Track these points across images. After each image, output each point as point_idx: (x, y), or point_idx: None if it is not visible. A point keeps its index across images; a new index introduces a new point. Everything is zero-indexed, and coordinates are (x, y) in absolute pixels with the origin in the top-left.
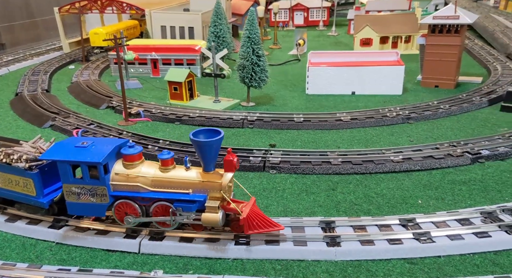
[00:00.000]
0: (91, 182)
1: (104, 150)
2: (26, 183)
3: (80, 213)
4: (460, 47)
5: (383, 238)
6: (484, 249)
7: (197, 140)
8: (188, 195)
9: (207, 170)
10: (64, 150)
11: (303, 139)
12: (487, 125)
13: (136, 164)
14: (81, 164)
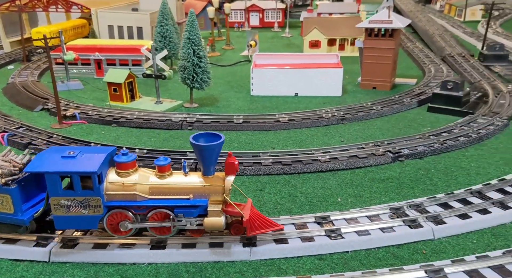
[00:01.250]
0: (83, 193)
1: (96, 159)
2: (1, 200)
3: (69, 227)
4: (395, 51)
5: (297, 236)
6: (388, 243)
7: (199, 144)
8: (189, 201)
9: (207, 174)
10: (50, 161)
11: (241, 140)
12: (413, 125)
13: (130, 171)
14: (73, 175)
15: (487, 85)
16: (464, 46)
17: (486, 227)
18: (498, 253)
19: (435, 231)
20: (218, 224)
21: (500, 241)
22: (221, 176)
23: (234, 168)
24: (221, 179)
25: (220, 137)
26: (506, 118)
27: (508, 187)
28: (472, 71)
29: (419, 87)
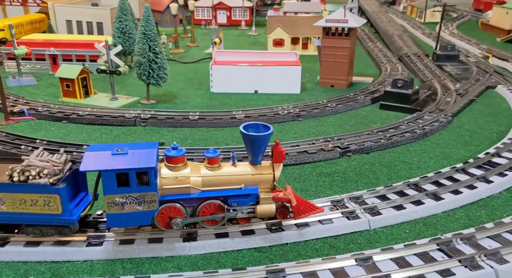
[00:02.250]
0: (139, 189)
1: (150, 154)
2: (48, 201)
3: (122, 225)
4: (351, 49)
5: (238, 230)
6: (326, 234)
7: (250, 134)
8: (241, 190)
9: (255, 163)
10: (104, 159)
11: (195, 136)
12: (365, 122)
13: (180, 165)
14: (130, 171)
15: (437, 83)
16: (421, 46)
17: (418, 217)
18: (425, 241)
19: (371, 222)
20: (270, 210)
21: (430, 230)
22: (268, 164)
23: (282, 156)
24: (270, 167)
25: (269, 128)
26: (450, 115)
27: (442, 179)
28: (425, 70)
29: (374, 86)
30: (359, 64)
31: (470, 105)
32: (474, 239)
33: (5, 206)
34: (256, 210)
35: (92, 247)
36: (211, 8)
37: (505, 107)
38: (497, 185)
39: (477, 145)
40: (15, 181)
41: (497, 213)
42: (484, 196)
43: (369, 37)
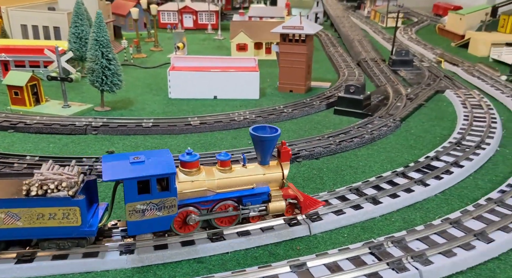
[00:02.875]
0: (160, 195)
1: (168, 160)
2: (67, 214)
3: (142, 232)
4: (308, 55)
5: (178, 241)
6: (266, 242)
7: (261, 136)
8: (254, 190)
9: (264, 163)
10: (125, 168)
11: (147, 144)
12: (318, 127)
13: (195, 170)
14: (151, 178)
15: (390, 88)
16: (379, 51)
17: (357, 221)
18: (359, 245)
19: (312, 227)
20: (282, 207)
21: (366, 234)
22: (275, 163)
23: (289, 155)
24: (278, 167)
25: (277, 130)
26: (398, 119)
27: (383, 184)
28: (380, 75)
29: (330, 91)
30: (320, 69)
31: (418, 109)
32: (404, 241)
33: (21, 222)
34: (268, 208)
35: (22, 264)
36: (177, 12)
37: (450, 111)
38: (433, 188)
39: (420, 148)
40: (33, 196)
41: (430, 215)
42: (420, 199)
43: (331, 42)
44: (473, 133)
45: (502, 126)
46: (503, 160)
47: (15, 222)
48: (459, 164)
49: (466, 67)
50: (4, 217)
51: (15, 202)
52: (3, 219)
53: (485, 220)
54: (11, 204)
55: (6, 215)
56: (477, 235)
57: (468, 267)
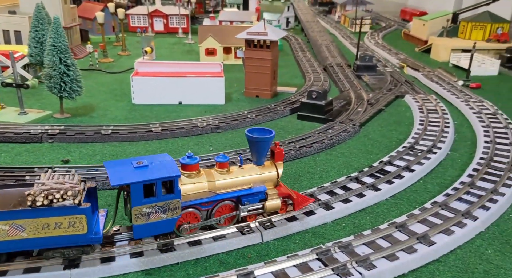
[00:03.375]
0: (164, 198)
1: (171, 164)
2: (73, 222)
3: (148, 235)
4: (273, 61)
5: (127, 252)
6: (218, 251)
7: (256, 137)
8: (252, 189)
9: (259, 164)
10: (130, 173)
11: (105, 152)
12: (281, 133)
13: (195, 173)
14: (157, 181)
15: (353, 94)
16: (345, 56)
17: (310, 227)
18: (307, 251)
19: (264, 235)
20: (277, 205)
21: (317, 240)
22: (269, 164)
23: (282, 155)
24: (272, 166)
25: (271, 132)
26: (358, 125)
27: (337, 189)
28: (344, 80)
29: (295, 96)
30: (287, 74)
31: (378, 114)
32: (351, 246)
33: (25, 233)
34: (265, 206)
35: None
36: (147, 15)
37: (408, 116)
38: (384, 192)
39: (376, 153)
40: (39, 206)
41: (380, 219)
42: (372, 203)
43: (301, 47)
44: (426, 138)
45: (455, 130)
46: (452, 164)
47: (19, 233)
48: (410, 168)
49: (426, 72)
50: (8, 229)
51: (21, 213)
52: (7, 231)
53: (429, 223)
54: (16, 215)
55: (11, 226)
56: (420, 239)
57: (410, 270)
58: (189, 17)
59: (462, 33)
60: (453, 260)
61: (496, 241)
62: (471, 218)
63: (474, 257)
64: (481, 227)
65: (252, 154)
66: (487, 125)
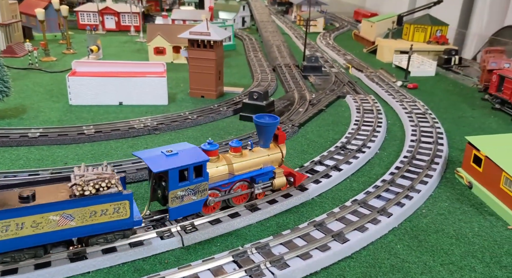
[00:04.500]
0: (195, 181)
1: (198, 150)
2: (118, 208)
3: (180, 216)
4: (217, 61)
5: (31, 263)
6: (134, 257)
7: (264, 122)
8: (263, 169)
9: (266, 146)
10: (165, 160)
11: (31, 156)
12: (221, 133)
13: (215, 158)
14: (190, 166)
15: (297, 94)
16: (295, 57)
17: (233, 229)
18: (224, 254)
19: (185, 239)
20: (284, 182)
21: (239, 241)
22: (274, 146)
23: (284, 137)
24: (277, 148)
25: (277, 118)
26: (297, 125)
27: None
28: (291, 81)
29: (239, 97)
30: (237, 74)
31: (318, 114)
32: (268, 247)
33: (74, 222)
34: (274, 184)
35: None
36: (97, 13)
37: (346, 116)
38: (311, 192)
39: (311, 153)
40: (88, 195)
41: (303, 219)
42: (298, 203)
43: (253, 47)
44: (358, 137)
45: (387, 130)
46: (379, 162)
47: (69, 222)
48: (338, 168)
49: (368, 73)
50: (59, 219)
51: (71, 203)
52: (57, 221)
53: (346, 221)
54: (67, 205)
55: (61, 216)
56: (335, 236)
57: (322, 268)
58: (140, 15)
59: (405, 35)
60: (364, 256)
61: (406, 236)
62: (385, 215)
63: (384, 252)
64: (394, 223)
65: (260, 138)
66: (415, 125)
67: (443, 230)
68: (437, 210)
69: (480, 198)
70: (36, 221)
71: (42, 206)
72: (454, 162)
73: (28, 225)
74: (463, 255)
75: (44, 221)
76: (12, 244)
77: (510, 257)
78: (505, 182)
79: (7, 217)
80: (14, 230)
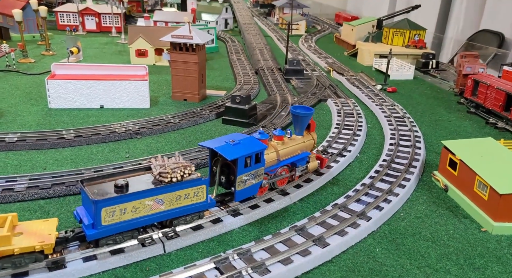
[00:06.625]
0: (256, 167)
1: (252, 139)
2: (197, 192)
3: (243, 197)
4: (199, 65)
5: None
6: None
7: (301, 112)
8: (301, 155)
9: (300, 134)
10: (234, 149)
11: (9, 162)
12: (203, 137)
13: None
14: (252, 154)
15: (279, 97)
16: (277, 60)
17: (216, 235)
18: (206, 260)
19: (166, 245)
20: (316, 165)
21: (221, 247)
22: (307, 133)
23: (315, 125)
24: (309, 135)
25: (311, 109)
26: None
27: None
28: (273, 84)
29: (222, 100)
30: (219, 77)
31: None
32: (250, 253)
33: (164, 206)
34: (309, 167)
35: None
36: (77, 13)
37: (327, 119)
38: (292, 197)
39: None
40: (175, 181)
41: (284, 223)
42: (280, 208)
43: (236, 49)
44: (339, 141)
45: (367, 133)
46: (359, 166)
47: (159, 206)
48: (319, 172)
49: (349, 76)
50: (152, 204)
51: (163, 189)
52: (151, 205)
53: (327, 225)
54: (159, 191)
55: (154, 201)
56: (315, 241)
57: (303, 272)
58: (121, 16)
59: (385, 39)
60: (344, 260)
61: (384, 240)
62: (365, 219)
63: (363, 256)
64: (373, 227)
65: (295, 127)
66: (394, 129)
67: (420, 233)
68: (414, 213)
69: (455, 200)
70: (135, 206)
71: (141, 193)
72: (431, 165)
73: (129, 210)
74: (438, 257)
75: (141, 206)
76: (117, 228)
77: (483, 259)
78: (478, 185)
79: (113, 203)
80: (119, 215)
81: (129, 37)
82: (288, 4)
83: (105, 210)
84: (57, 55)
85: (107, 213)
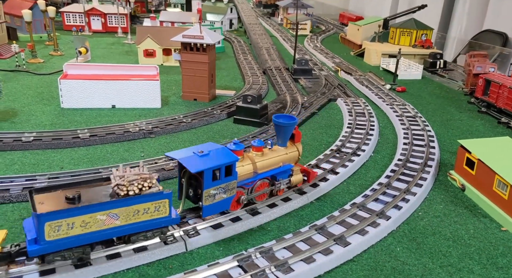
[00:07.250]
0: (226, 180)
1: (226, 150)
2: (158, 206)
3: (212, 213)
4: (210, 65)
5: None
6: (138, 263)
7: (284, 122)
8: (282, 167)
9: (284, 145)
10: (200, 160)
11: (25, 161)
12: (216, 137)
13: (240, 157)
14: (221, 166)
15: (289, 97)
16: (284, 60)
17: (235, 233)
18: (229, 258)
19: (188, 243)
20: (301, 179)
21: (242, 245)
22: (291, 144)
23: (300, 136)
24: (293, 147)
25: (294, 118)
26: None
27: None
28: (282, 83)
29: (233, 100)
30: (227, 77)
31: (311, 117)
32: (272, 251)
33: (119, 221)
34: (292, 181)
35: None
36: (83, 13)
37: (338, 119)
38: (309, 195)
39: (306, 156)
40: (132, 195)
41: (303, 222)
42: (297, 207)
43: (242, 49)
44: (352, 140)
45: (379, 133)
46: (374, 165)
47: (114, 221)
48: (335, 171)
49: (357, 76)
50: (105, 218)
51: (117, 203)
52: (104, 220)
53: (347, 224)
54: (113, 205)
55: (108, 216)
56: (336, 240)
57: (325, 271)
58: (128, 16)
59: (392, 39)
60: (365, 259)
61: (405, 239)
62: (384, 218)
63: (384, 255)
64: (392, 226)
65: (278, 137)
66: (407, 128)
67: (440, 232)
68: (433, 212)
69: (473, 200)
70: (85, 220)
71: (91, 206)
72: (446, 164)
73: (78, 224)
74: (460, 256)
75: (92, 220)
76: (63, 243)
77: (506, 258)
78: (498, 184)
79: (59, 217)
80: (65, 230)
81: (137, 37)
82: (293, 4)
83: (49, 224)
84: (65, 56)
85: (52, 227)
